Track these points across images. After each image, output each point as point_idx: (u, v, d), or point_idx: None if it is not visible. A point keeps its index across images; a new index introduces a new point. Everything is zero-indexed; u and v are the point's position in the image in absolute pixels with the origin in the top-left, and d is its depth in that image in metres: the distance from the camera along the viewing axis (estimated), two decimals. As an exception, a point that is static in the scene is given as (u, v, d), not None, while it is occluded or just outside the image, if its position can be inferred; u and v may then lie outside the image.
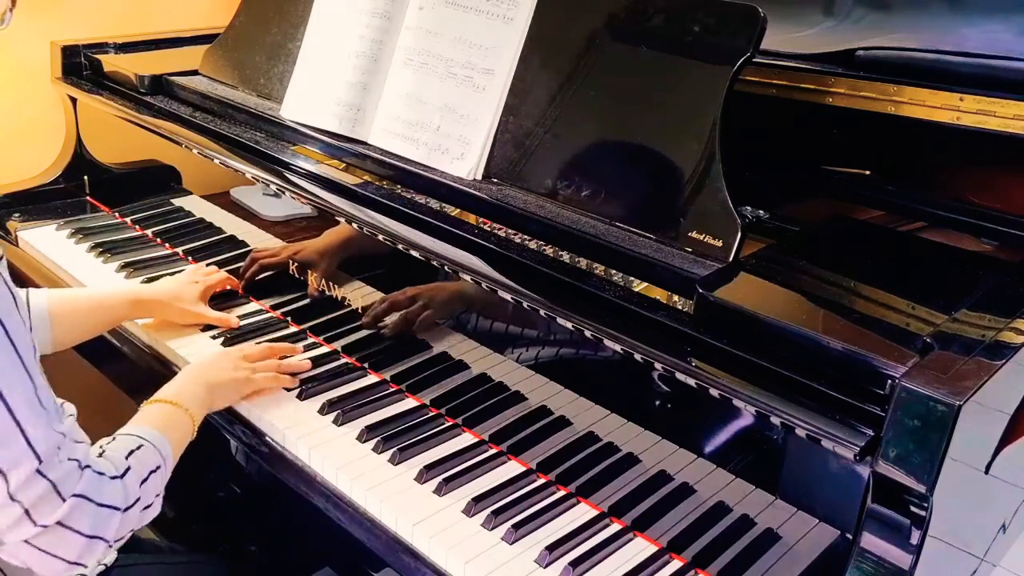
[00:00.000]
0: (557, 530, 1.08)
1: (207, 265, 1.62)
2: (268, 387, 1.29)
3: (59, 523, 0.92)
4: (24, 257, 1.73)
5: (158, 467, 1.06)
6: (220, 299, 1.53)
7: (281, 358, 1.34)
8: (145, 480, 1.03)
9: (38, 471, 0.89)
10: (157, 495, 1.06)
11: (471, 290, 1.21)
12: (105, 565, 1.19)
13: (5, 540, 0.92)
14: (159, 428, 1.11)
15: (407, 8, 1.40)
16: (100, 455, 1.01)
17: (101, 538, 0.96)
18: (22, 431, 0.88)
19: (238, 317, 1.47)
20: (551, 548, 1.04)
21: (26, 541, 0.92)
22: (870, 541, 0.87)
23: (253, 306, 1.53)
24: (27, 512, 0.90)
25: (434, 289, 1.28)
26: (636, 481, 1.09)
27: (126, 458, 1.02)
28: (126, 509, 0.98)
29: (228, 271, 1.59)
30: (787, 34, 1.44)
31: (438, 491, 1.12)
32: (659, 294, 1.05)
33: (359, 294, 1.38)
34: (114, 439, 1.06)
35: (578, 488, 1.13)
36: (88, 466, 0.95)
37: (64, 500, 0.92)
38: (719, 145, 1.09)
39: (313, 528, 1.22)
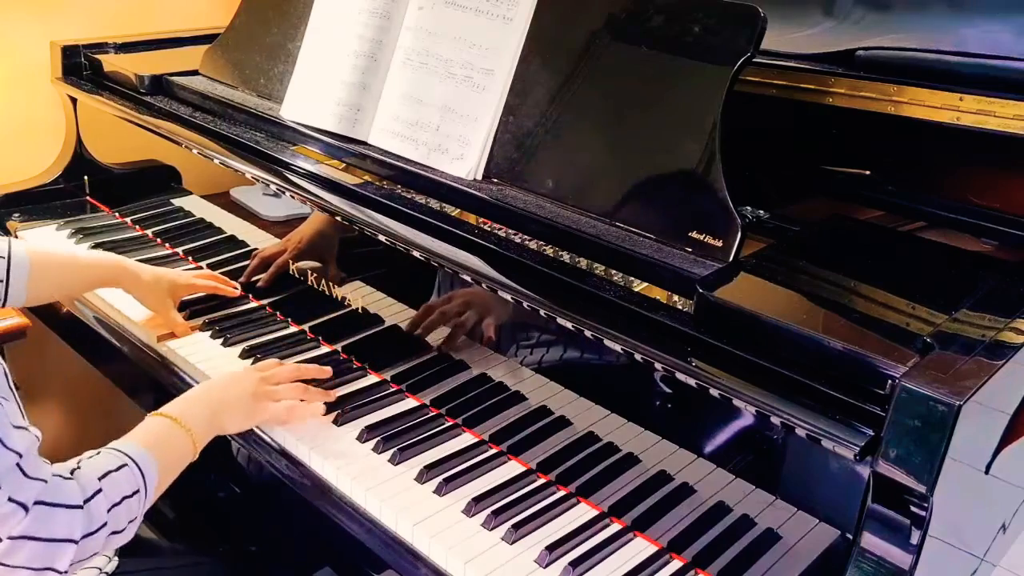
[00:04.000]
0: (557, 530, 1.08)
1: (207, 265, 1.63)
2: (285, 419, 1.21)
3: None
4: (24, 257, 1.73)
5: (135, 492, 1.00)
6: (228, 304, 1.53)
7: (309, 381, 1.27)
8: (116, 505, 0.98)
9: None
10: (131, 520, 1.00)
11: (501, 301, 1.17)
12: (107, 573, 1.19)
13: None
14: (150, 447, 1.05)
15: (407, 8, 1.40)
16: (74, 470, 0.97)
17: (52, 569, 0.92)
18: None
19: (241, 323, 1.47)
20: (551, 548, 1.04)
21: None
22: (870, 541, 0.87)
23: (252, 305, 1.53)
24: None
25: (470, 299, 1.23)
26: (636, 481, 1.09)
27: (100, 479, 0.97)
28: (84, 536, 0.93)
29: (228, 272, 1.59)
30: (787, 34, 1.44)
31: (438, 491, 1.12)
32: (659, 294, 1.05)
33: (359, 294, 1.38)
34: (98, 453, 1.02)
35: (578, 488, 1.13)
36: (40, 502, 0.89)
37: (0, 540, 0.88)
38: (719, 145, 1.09)
39: (313, 528, 1.22)
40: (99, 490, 0.96)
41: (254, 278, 1.54)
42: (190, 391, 1.19)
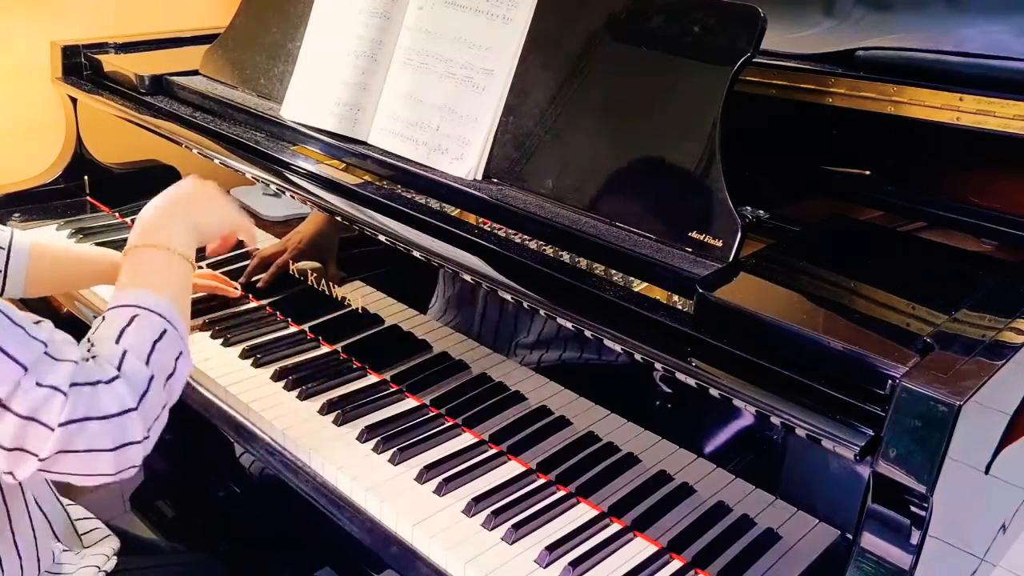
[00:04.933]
0: (557, 530, 1.08)
1: (206, 266, 1.63)
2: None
3: (62, 451, 0.85)
4: (24, 257, 1.73)
5: (163, 332, 0.95)
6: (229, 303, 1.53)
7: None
8: (150, 353, 0.92)
9: (5, 407, 0.83)
10: (178, 357, 0.95)
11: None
12: (106, 572, 1.19)
13: (20, 476, 0.87)
14: (148, 285, 0.98)
15: (406, 8, 1.40)
16: (89, 355, 0.92)
17: (127, 444, 0.88)
18: None
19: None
20: (551, 548, 1.04)
21: (46, 470, 0.86)
22: (870, 541, 0.87)
23: (252, 305, 1.53)
24: (20, 449, 0.85)
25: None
26: (636, 481, 1.09)
27: (116, 342, 0.92)
28: (141, 400, 0.90)
29: (228, 272, 1.59)
30: (787, 34, 1.44)
31: (438, 491, 1.12)
32: (659, 294, 1.05)
33: (359, 294, 1.38)
34: (103, 319, 0.96)
35: (578, 488, 1.13)
36: (75, 384, 0.86)
37: (52, 430, 0.84)
38: (719, 145, 1.09)
39: (313, 528, 1.22)
40: (124, 352, 0.91)
41: (254, 278, 1.54)
42: (148, 212, 1.10)
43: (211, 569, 1.38)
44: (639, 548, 1.06)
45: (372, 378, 1.34)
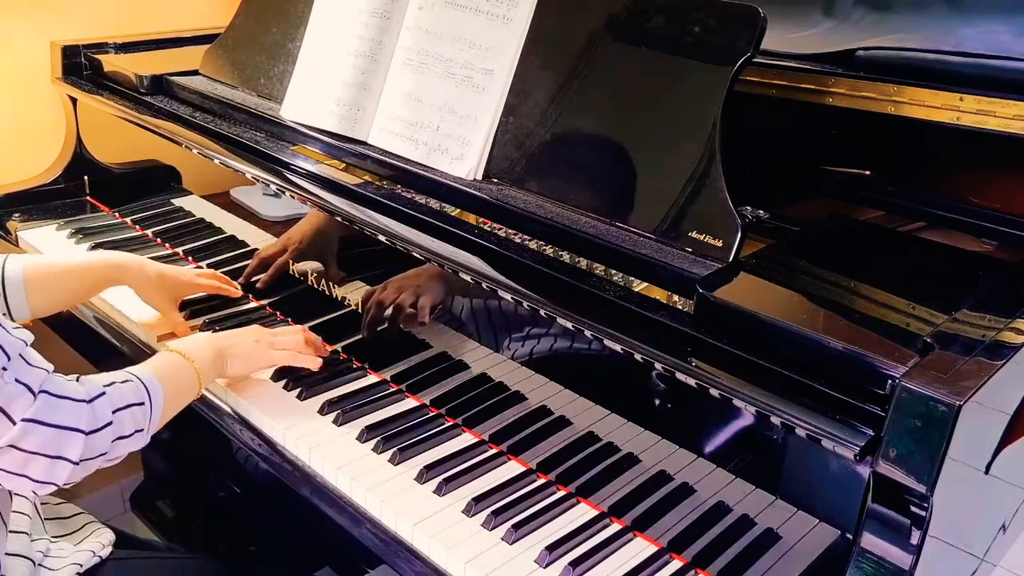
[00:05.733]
0: (557, 530, 1.08)
1: (207, 266, 1.63)
2: (285, 363, 1.30)
3: (11, 446, 0.94)
4: (24, 257, 1.73)
5: (141, 403, 1.06)
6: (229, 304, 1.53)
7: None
8: (121, 409, 1.03)
9: None
10: (138, 430, 1.06)
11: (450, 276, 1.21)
12: (100, 557, 1.20)
13: None
14: (157, 373, 1.12)
15: (406, 8, 1.40)
16: (79, 377, 1.02)
17: (63, 458, 0.97)
18: None
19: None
20: (551, 548, 1.04)
21: None
22: (870, 541, 0.87)
23: (252, 305, 1.53)
24: None
25: (418, 278, 1.29)
26: (636, 481, 1.09)
27: (105, 385, 1.03)
28: (91, 432, 0.99)
29: (228, 272, 1.59)
30: (787, 34, 1.44)
31: (438, 491, 1.12)
32: (659, 294, 1.05)
33: (359, 294, 1.38)
34: (104, 375, 1.07)
35: (578, 488, 1.13)
36: (44, 390, 0.95)
37: (13, 423, 0.93)
38: (719, 145, 1.09)
39: (313, 528, 1.22)
40: (103, 393, 1.02)
41: (254, 278, 1.54)
42: (198, 334, 1.26)
43: (212, 569, 1.38)
44: (639, 548, 1.06)
45: (372, 378, 1.34)
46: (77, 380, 1.03)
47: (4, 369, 0.92)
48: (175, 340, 1.23)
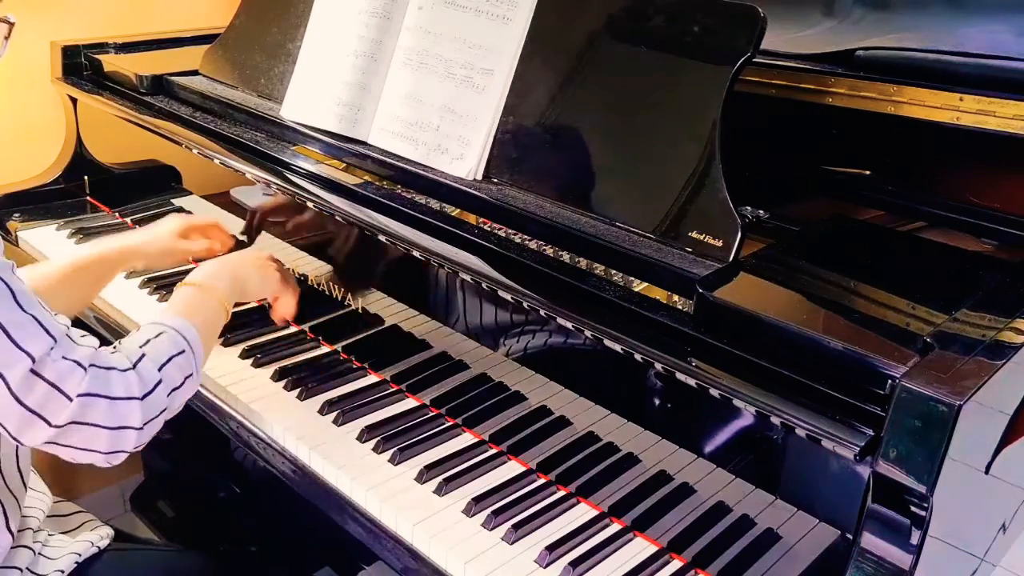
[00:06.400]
0: (557, 530, 1.08)
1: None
2: (290, 286, 1.35)
3: (73, 422, 0.94)
4: (24, 257, 1.73)
5: (181, 351, 1.07)
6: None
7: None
8: (165, 364, 1.04)
9: (32, 371, 0.91)
10: (187, 376, 1.07)
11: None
12: (99, 548, 1.20)
13: (28, 442, 0.95)
14: (183, 314, 1.12)
15: (407, 8, 1.40)
16: (114, 351, 1.03)
17: (125, 427, 0.98)
18: (7, 334, 0.90)
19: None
20: (551, 548, 1.04)
21: (53, 442, 0.95)
22: (870, 541, 0.87)
23: (252, 305, 1.53)
24: (37, 414, 0.93)
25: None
26: (636, 481, 1.09)
27: (140, 347, 1.04)
28: (146, 395, 1.00)
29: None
30: (787, 34, 1.44)
31: (438, 491, 1.12)
32: (659, 294, 1.05)
33: (359, 294, 1.38)
34: (136, 332, 1.09)
35: (578, 488, 1.13)
36: (93, 364, 0.96)
37: (71, 400, 0.94)
38: (719, 145, 1.09)
39: (313, 528, 1.23)
40: (143, 355, 1.03)
41: (259, 227, 1.53)
42: (208, 262, 1.28)
43: (208, 562, 1.38)
44: (639, 548, 1.06)
45: (372, 378, 1.34)
46: (114, 350, 1.04)
47: (52, 349, 0.93)
48: (191, 274, 1.23)
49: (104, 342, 1.47)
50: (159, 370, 1.03)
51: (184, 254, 1.46)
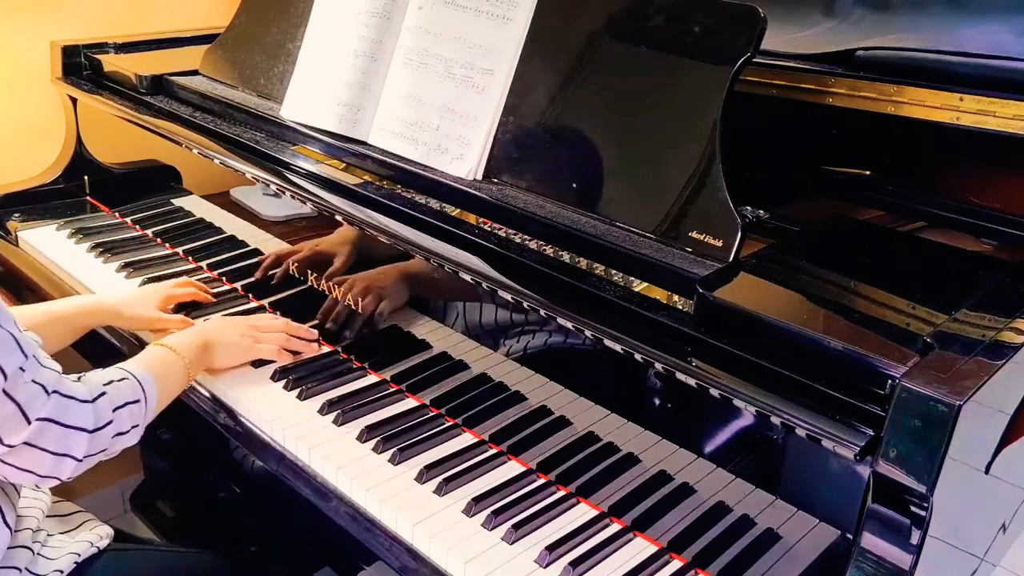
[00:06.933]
0: (557, 530, 1.08)
1: (206, 266, 1.63)
2: (268, 356, 1.34)
3: (26, 443, 0.98)
4: (24, 257, 1.73)
5: (136, 400, 1.11)
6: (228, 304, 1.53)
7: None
8: (120, 407, 1.08)
9: (3, 391, 0.94)
10: (134, 426, 1.10)
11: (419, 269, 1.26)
12: (98, 548, 1.20)
13: None
14: (148, 368, 1.16)
15: (406, 8, 1.40)
16: (80, 376, 1.07)
17: (69, 455, 1.02)
18: None
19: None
20: (551, 548, 1.04)
21: (1, 459, 0.99)
22: (870, 541, 0.87)
23: (252, 305, 1.53)
24: None
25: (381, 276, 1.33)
26: (636, 481, 1.09)
27: (104, 384, 1.08)
28: (95, 430, 1.04)
29: (228, 271, 1.59)
30: (787, 34, 1.44)
31: (438, 491, 1.12)
32: (659, 294, 1.05)
33: (360, 295, 1.38)
34: (103, 370, 1.12)
35: (578, 488, 1.13)
36: (56, 391, 1.00)
37: (30, 422, 0.97)
38: (719, 145, 1.09)
39: (313, 528, 1.22)
40: (103, 392, 1.07)
41: (256, 277, 1.54)
42: (186, 331, 1.31)
43: (211, 569, 1.38)
44: (639, 548, 1.06)
45: (372, 378, 1.34)
46: (79, 380, 1.06)
47: (22, 369, 0.96)
48: (167, 336, 1.27)
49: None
50: (113, 411, 1.07)
51: (163, 324, 1.42)
